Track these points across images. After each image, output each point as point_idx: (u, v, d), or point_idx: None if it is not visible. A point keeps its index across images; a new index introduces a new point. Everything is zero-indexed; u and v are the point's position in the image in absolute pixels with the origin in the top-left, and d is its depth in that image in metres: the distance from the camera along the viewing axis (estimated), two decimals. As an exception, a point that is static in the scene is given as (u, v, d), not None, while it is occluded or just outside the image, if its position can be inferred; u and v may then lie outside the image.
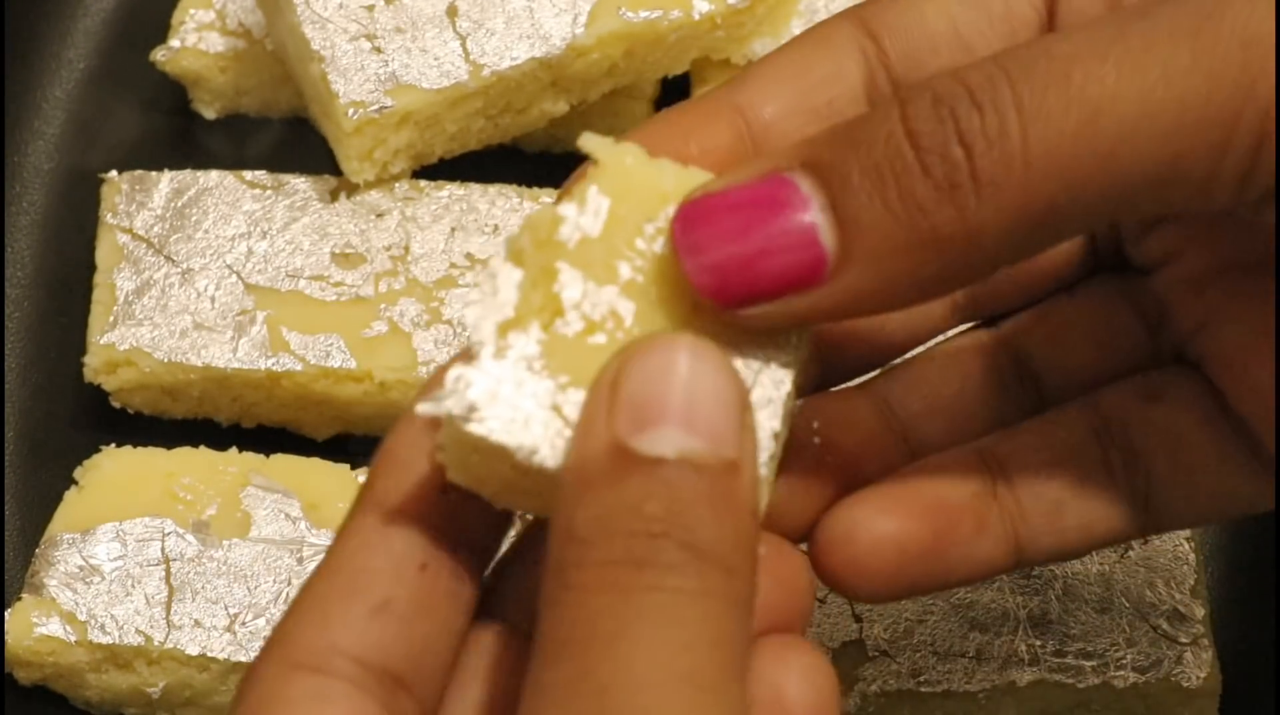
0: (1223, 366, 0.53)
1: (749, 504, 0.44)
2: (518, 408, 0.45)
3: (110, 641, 0.71)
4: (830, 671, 0.48)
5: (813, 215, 0.45)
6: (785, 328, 0.48)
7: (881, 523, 0.52)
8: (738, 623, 0.43)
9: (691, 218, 0.47)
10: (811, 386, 0.55)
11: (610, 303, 0.47)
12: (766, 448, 0.47)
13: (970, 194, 0.44)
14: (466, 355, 0.46)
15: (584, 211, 0.47)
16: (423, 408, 0.46)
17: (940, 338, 0.57)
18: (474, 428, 0.45)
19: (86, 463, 0.76)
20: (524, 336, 0.46)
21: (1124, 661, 0.69)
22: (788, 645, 0.48)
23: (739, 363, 0.48)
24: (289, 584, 0.72)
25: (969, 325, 0.58)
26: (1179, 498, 0.54)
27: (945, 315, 0.57)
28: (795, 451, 0.53)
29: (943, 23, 0.51)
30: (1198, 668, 0.69)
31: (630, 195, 0.48)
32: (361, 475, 0.74)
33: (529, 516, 0.52)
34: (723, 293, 0.46)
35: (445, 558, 0.48)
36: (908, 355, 0.57)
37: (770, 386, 0.48)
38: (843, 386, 0.56)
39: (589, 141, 0.48)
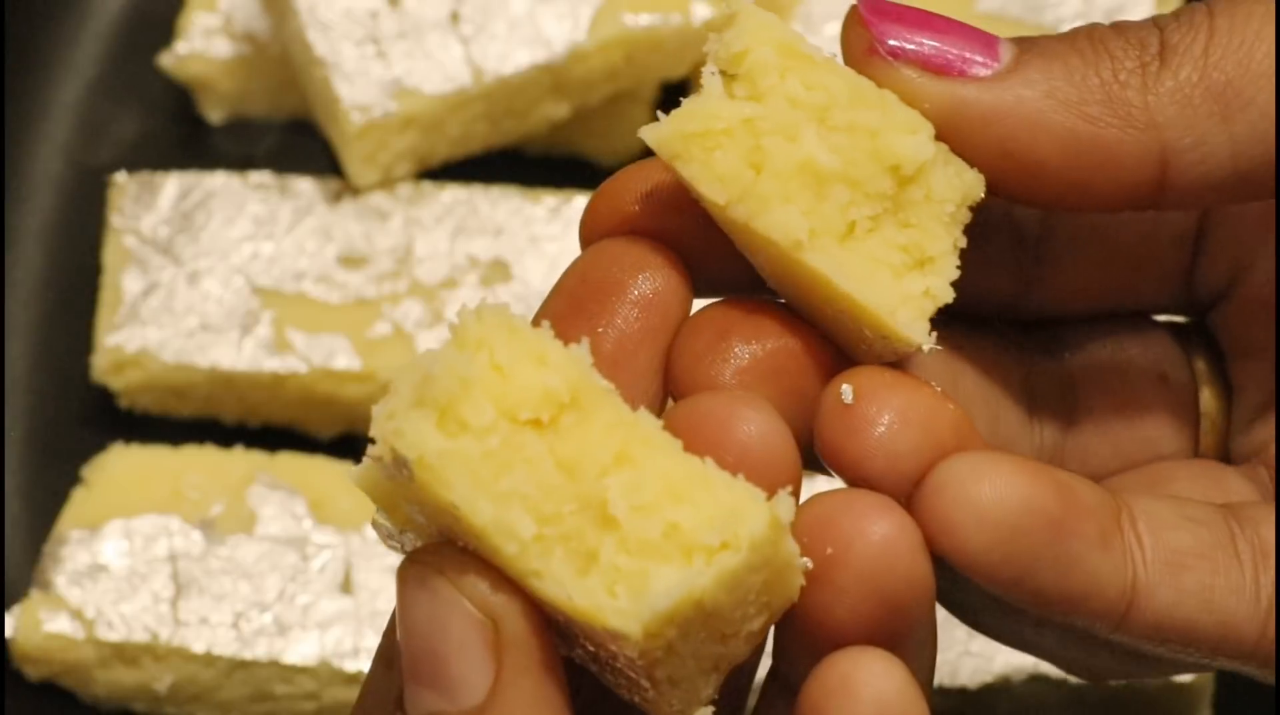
0: None
1: None
2: None
3: (117, 638, 0.72)
4: (910, 679, 0.43)
5: (1001, 42, 0.47)
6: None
7: (1010, 472, 0.45)
8: None
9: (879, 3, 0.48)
10: None
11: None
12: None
13: (1155, 57, 0.47)
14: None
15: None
16: None
17: None
18: None
19: (94, 461, 0.76)
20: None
21: (1117, 658, 0.69)
22: (863, 650, 0.43)
23: None
24: (293, 581, 0.73)
25: None
26: None
27: None
28: (912, 389, 0.46)
29: None
30: (1190, 664, 0.70)
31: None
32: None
33: None
34: (894, 28, 0.47)
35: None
36: None
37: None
38: None
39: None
